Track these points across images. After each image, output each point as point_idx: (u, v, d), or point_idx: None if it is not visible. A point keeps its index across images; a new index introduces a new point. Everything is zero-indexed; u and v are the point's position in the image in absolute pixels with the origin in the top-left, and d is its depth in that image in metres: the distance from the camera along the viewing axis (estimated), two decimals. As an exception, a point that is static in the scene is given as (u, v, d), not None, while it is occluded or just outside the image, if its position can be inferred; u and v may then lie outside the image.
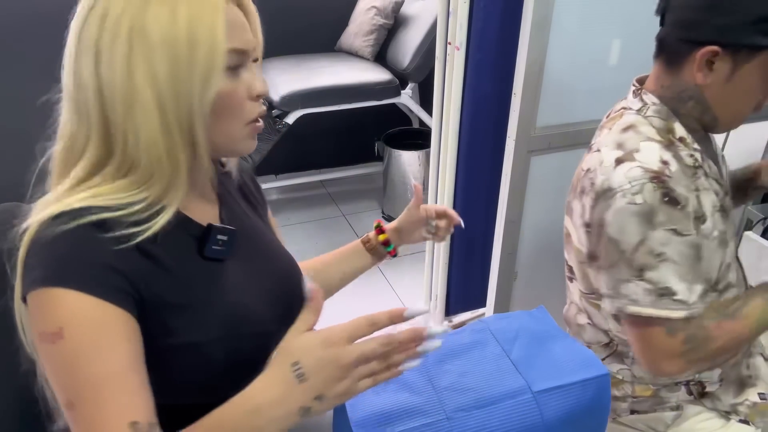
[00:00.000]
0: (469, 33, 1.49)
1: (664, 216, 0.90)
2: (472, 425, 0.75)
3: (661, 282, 0.92)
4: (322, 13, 2.86)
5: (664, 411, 1.10)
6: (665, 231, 0.90)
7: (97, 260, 0.66)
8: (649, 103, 0.99)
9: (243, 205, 0.90)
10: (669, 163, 0.92)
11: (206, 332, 0.74)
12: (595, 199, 0.96)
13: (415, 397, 0.77)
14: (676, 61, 0.95)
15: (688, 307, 0.92)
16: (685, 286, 0.92)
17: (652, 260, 0.91)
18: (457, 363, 0.82)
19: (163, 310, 0.71)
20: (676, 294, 0.92)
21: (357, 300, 2.44)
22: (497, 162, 1.47)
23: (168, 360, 0.72)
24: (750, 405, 1.09)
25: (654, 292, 0.92)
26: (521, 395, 0.77)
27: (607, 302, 0.99)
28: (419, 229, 1.12)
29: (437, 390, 0.78)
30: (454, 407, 0.76)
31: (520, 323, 0.90)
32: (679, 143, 0.97)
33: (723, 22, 0.87)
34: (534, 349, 0.85)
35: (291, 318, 0.88)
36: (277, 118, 2.48)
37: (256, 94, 0.73)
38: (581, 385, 0.79)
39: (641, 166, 0.91)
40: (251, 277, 0.82)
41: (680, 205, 0.90)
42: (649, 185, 0.90)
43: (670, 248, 0.91)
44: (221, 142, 0.73)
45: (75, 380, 0.63)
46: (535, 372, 0.80)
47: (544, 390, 0.78)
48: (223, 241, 0.78)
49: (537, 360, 0.83)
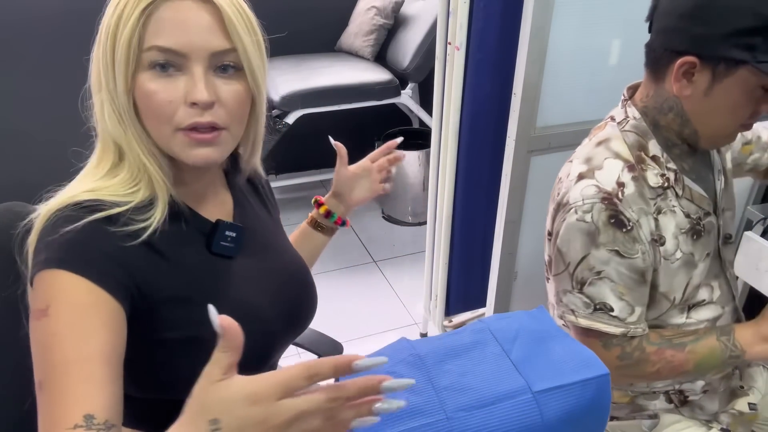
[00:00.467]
0: (469, 33, 1.49)
1: (607, 237, 0.92)
2: (472, 425, 0.74)
3: (597, 298, 0.96)
4: (322, 13, 2.86)
5: (642, 419, 1.10)
6: (607, 251, 0.93)
7: (102, 248, 0.67)
8: (630, 116, 0.98)
9: (256, 206, 0.91)
10: (625, 186, 0.93)
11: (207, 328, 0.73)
12: (555, 210, 1.00)
13: (415, 397, 0.77)
14: (659, 69, 0.93)
15: (625, 325, 0.95)
16: (623, 304, 0.95)
17: (591, 276, 0.95)
18: (457, 363, 0.82)
19: (167, 303, 0.72)
20: (612, 310, 0.95)
21: (357, 300, 2.44)
22: (497, 162, 1.47)
23: (170, 354, 0.73)
24: (735, 414, 1.09)
25: (591, 306, 0.96)
26: (521, 395, 0.77)
27: (552, 308, 1.04)
28: (356, 186, 1.08)
29: (437, 390, 0.78)
30: (454, 407, 0.76)
31: (520, 323, 0.90)
32: (650, 161, 0.96)
33: (701, 32, 0.84)
34: (534, 349, 0.85)
35: (296, 318, 0.88)
36: (277, 118, 2.48)
37: (190, 101, 0.68)
38: (581, 385, 0.79)
39: (597, 185, 0.94)
40: (259, 275, 0.83)
41: (626, 228, 0.92)
42: (599, 205, 0.92)
43: (610, 267, 0.94)
44: (161, 146, 0.72)
45: (48, 360, 0.62)
46: (535, 372, 0.80)
47: (544, 390, 0.77)
48: (232, 238, 0.79)
49: (537, 360, 0.82)
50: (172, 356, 0.73)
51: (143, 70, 0.68)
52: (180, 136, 0.70)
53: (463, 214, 1.75)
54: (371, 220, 2.92)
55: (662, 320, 1.02)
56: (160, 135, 0.71)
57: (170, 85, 0.68)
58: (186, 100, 0.68)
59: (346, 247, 2.70)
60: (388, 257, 2.64)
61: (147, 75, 0.68)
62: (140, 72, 0.68)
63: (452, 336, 0.88)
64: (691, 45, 0.86)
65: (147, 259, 0.71)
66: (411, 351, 0.84)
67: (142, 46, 0.67)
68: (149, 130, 0.71)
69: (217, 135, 0.71)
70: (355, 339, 2.09)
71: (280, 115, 2.50)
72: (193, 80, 0.68)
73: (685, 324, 1.02)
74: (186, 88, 0.68)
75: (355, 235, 2.79)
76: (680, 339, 0.98)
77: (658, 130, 0.97)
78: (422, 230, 2.29)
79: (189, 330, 0.72)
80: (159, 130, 0.70)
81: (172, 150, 0.71)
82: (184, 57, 0.67)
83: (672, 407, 1.09)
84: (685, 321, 1.02)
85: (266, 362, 0.85)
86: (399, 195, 2.82)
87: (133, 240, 0.70)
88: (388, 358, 0.83)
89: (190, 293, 0.74)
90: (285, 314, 0.84)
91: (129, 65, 0.67)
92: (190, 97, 0.68)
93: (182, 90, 0.68)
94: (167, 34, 0.66)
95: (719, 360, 0.97)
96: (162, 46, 0.66)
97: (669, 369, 0.97)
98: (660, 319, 1.02)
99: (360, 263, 2.59)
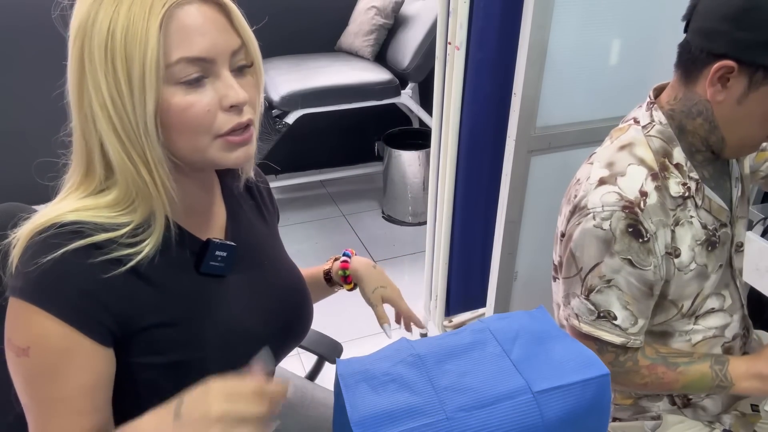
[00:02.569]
0: (469, 33, 1.49)
1: (623, 245, 0.91)
2: (472, 425, 0.74)
3: (603, 305, 0.95)
4: (322, 13, 2.86)
5: (645, 420, 1.10)
6: (620, 259, 0.92)
7: (78, 285, 0.65)
8: (656, 121, 0.95)
9: (253, 217, 0.88)
10: (648, 195, 0.91)
11: (196, 350, 0.73)
12: (571, 212, 0.98)
13: (415, 397, 0.77)
14: (692, 71, 0.89)
15: (626, 336, 0.95)
16: (627, 314, 0.94)
17: (600, 284, 0.94)
18: (457, 363, 0.82)
19: (151, 329, 0.70)
20: (615, 319, 0.95)
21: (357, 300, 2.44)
22: (497, 162, 1.47)
23: (154, 378, 0.72)
24: (738, 415, 1.09)
25: (594, 313, 0.95)
26: (521, 395, 0.77)
27: (557, 307, 1.03)
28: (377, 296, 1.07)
29: (437, 390, 0.78)
30: (454, 407, 0.75)
31: (520, 323, 0.90)
32: (674, 169, 0.94)
33: (743, 37, 0.81)
34: (534, 349, 0.85)
35: (290, 332, 0.87)
36: (277, 118, 2.48)
37: (228, 104, 0.67)
38: (582, 385, 0.79)
39: (619, 192, 0.91)
40: (251, 292, 0.81)
41: (643, 239, 0.91)
42: (619, 213, 0.90)
43: (620, 276, 0.93)
44: (192, 157, 0.69)
45: (30, 395, 0.67)
46: (535, 372, 0.80)
47: (545, 390, 0.77)
48: (222, 257, 0.76)
49: (537, 360, 0.82)
50: (156, 380, 0.72)
51: (168, 86, 0.64)
52: (219, 142, 0.68)
53: (463, 214, 1.75)
54: (371, 220, 2.92)
55: (669, 325, 1.02)
56: (195, 147, 0.68)
57: (202, 94, 0.65)
58: (222, 105, 0.66)
59: (346, 247, 2.70)
60: (388, 257, 2.64)
61: (174, 90, 0.64)
62: (165, 87, 0.64)
63: (452, 336, 0.88)
64: (731, 49, 0.83)
65: (129, 287, 0.68)
66: (411, 351, 0.84)
67: (168, 61, 0.63)
68: (177, 146, 0.67)
69: (251, 133, 0.71)
70: (355, 339, 2.09)
71: (280, 115, 2.50)
72: (224, 84, 0.66)
73: (693, 330, 1.02)
74: (219, 92, 0.66)
75: (355, 235, 2.79)
76: (675, 359, 0.98)
77: (683, 135, 0.95)
78: (422, 230, 2.28)
79: (174, 354, 0.72)
80: (195, 143, 0.67)
81: (209, 158, 0.69)
82: (212, 62, 0.65)
83: (675, 408, 1.09)
84: (693, 327, 1.02)
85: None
86: (399, 195, 2.82)
87: (117, 267, 0.67)
88: (388, 358, 0.84)
89: (177, 317, 0.72)
90: (278, 330, 0.83)
91: (159, 84, 0.63)
92: (227, 101, 0.66)
93: (215, 96, 0.66)
94: (190, 42, 0.64)
95: (707, 386, 0.97)
96: (190, 57, 0.64)
97: (657, 384, 0.98)
98: (666, 324, 1.01)
99: (360, 263, 2.58)
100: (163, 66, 0.63)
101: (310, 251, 2.63)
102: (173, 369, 0.72)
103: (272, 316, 0.82)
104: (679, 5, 0.93)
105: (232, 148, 0.69)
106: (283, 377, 1.10)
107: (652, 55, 1.40)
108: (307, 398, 1.08)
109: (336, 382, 0.82)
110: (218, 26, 0.66)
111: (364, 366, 0.83)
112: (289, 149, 2.86)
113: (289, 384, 0.65)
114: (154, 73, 0.62)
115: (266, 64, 2.63)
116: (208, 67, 0.66)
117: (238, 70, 0.69)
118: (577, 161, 1.09)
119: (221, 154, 0.69)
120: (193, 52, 0.64)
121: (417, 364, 0.82)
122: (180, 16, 0.63)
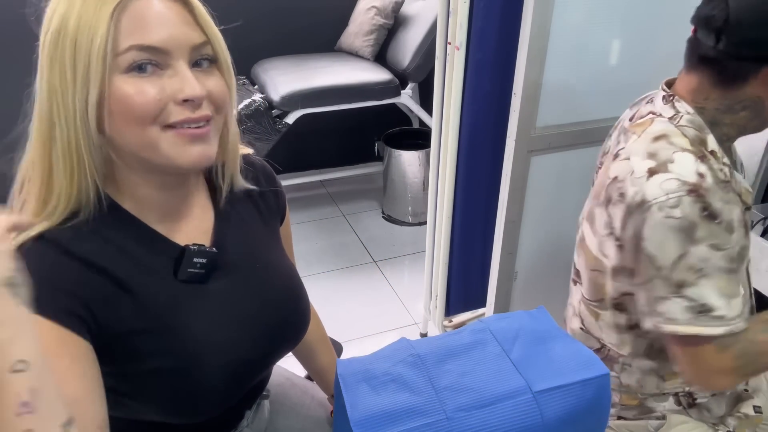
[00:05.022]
0: (469, 33, 1.49)
1: (705, 231, 0.87)
2: (472, 425, 0.74)
3: (700, 299, 0.89)
4: (322, 13, 2.86)
5: (650, 420, 1.10)
6: (706, 247, 0.87)
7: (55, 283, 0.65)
8: (683, 112, 0.95)
9: (247, 216, 0.85)
10: (705, 176, 0.88)
11: (176, 358, 0.72)
12: (627, 212, 0.92)
13: (415, 397, 0.77)
14: (739, 77, 0.91)
15: (728, 323, 0.89)
16: (725, 302, 0.89)
17: (691, 276, 0.88)
18: (457, 363, 0.82)
19: (129, 335, 0.69)
20: (713, 310, 0.89)
21: (357, 300, 2.44)
22: (497, 162, 1.47)
23: (133, 385, 0.71)
24: (742, 417, 1.09)
25: (692, 310, 0.89)
26: (521, 395, 0.77)
27: (645, 319, 0.96)
28: None
29: (437, 390, 0.78)
30: (454, 407, 0.76)
31: (520, 323, 0.90)
32: (710, 156, 0.93)
33: None
34: (534, 349, 0.85)
35: (280, 339, 0.84)
36: (277, 118, 2.48)
37: (182, 98, 0.64)
38: (581, 385, 0.79)
39: (678, 178, 0.88)
40: (235, 300, 0.78)
41: (718, 219, 0.88)
42: (687, 198, 0.86)
43: (710, 264, 0.88)
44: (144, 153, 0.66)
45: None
46: (535, 372, 0.80)
47: (545, 390, 0.77)
48: (202, 264, 0.75)
49: (537, 360, 0.82)
50: (141, 385, 0.71)
51: (116, 74, 0.62)
52: (170, 136, 0.65)
53: (463, 214, 1.75)
54: (371, 220, 2.92)
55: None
56: (143, 139, 0.65)
57: (153, 83, 0.63)
58: (176, 98, 0.64)
59: (346, 247, 2.70)
60: (388, 257, 2.64)
61: (122, 78, 0.62)
62: (112, 76, 0.62)
63: (452, 336, 0.88)
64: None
65: (104, 288, 0.68)
66: (411, 351, 0.84)
67: (117, 49, 0.62)
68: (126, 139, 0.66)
69: (208, 130, 0.67)
70: (355, 339, 2.09)
71: (280, 115, 2.50)
72: (179, 77, 0.64)
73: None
74: (172, 85, 0.64)
75: (355, 235, 2.79)
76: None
77: (716, 126, 0.95)
78: (422, 230, 2.29)
79: (152, 362, 0.70)
80: (142, 134, 0.65)
81: (163, 154, 0.66)
82: (166, 54, 0.63)
83: (680, 409, 1.09)
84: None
85: (248, 382, 0.83)
86: (399, 195, 2.82)
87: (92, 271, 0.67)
88: (388, 358, 0.84)
89: (156, 325, 0.71)
90: (265, 336, 0.81)
91: (104, 74, 0.62)
92: (182, 95, 0.64)
93: (168, 89, 0.64)
94: (145, 31, 0.62)
95: None
96: (142, 45, 0.62)
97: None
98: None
99: (360, 263, 2.58)
100: (111, 55, 0.62)
101: (310, 251, 2.64)
102: (158, 375, 0.71)
103: (256, 322, 0.80)
104: (679, 5, 0.93)
105: (184, 144, 0.66)
106: (283, 377, 1.10)
107: (652, 55, 1.40)
108: (307, 398, 1.08)
109: (336, 382, 0.83)
110: (179, 19, 0.64)
111: (364, 366, 0.83)
112: (289, 149, 2.86)
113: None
114: (100, 61, 0.61)
115: (266, 64, 2.65)
116: (163, 58, 0.64)
117: (200, 65, 0.67)
118: (578, 161, 1.08)
119: (174, 150, 0.66)
120: (146, 40, 0.62)
121: (417, 364, 0.82)
122: (136, 6, 0.62)
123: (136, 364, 0.70)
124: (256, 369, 0.83)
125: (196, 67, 0.67)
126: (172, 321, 0.72)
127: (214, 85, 0.68)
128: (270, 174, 0.91)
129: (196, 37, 0.66)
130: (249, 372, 0.81)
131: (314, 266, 2.51)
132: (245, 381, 0.82)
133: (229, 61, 0.70)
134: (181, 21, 0.65)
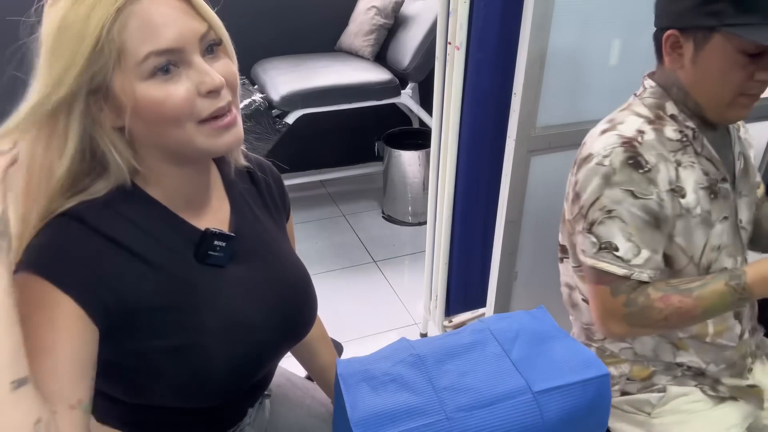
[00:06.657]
0: (469, 33, 1.49)
1: (623, 176, 0.95)
2: (472, 425, 0.74)
3: (604, 237, 0.97)
4: (322, 13, 2.86)
5: (652, 393, 1.11)
6: (621, 190, 0.96)
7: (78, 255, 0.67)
8: (647, 86, 1.05)
9: (258, 211, 0.88)
10: (644, 132, 0.98)
11: (195, 337, 0.74)
12: (578, 167, 1.02)
13: (415, 397, 0.77)
14: (658, 50, 1.01)
15: (629, 267, 0.96)
16: (630, 246, 0.96)
17: (601, 216, 0.97)
18: (457, 363, 0.82)
19: (150, 311, 0.71)
20: (617, 250, 0.96)
21: (357, 300, 2.44)
22: (497, 162, 1.47)
23: (155, 362, 0.72)
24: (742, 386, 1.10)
25: (597, 245, 0.98)
26: (521, 395, 0.77)
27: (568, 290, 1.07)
28: None
29: (437, 390, 0.78)
30: (454, 407, 0.76)
31: (520, 323, 0.90)
32: (669, 119, 1.01)
33: (676, 7, 0.94)
34: (534, 349, 0.85)
35: (292, 328, 0.87)
36: (277, 118, 2.48)
37: (206, 90, 0.66)
38: (581, 386, 0.79)
39: (618, 134, 0.98)
40: (253, 285, 0.81)
41: (643, 169, 0.95)
42: (619, 149, 0.96)
43: (622, 207, 0.96)
44: (183, 149, 0.70)
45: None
46: (535, 372, 0.80)
47: (545, 390, 0.77)
48: (221, 247, 0.77)
49: (537, 360, 0.82)
50: (157, 364, 0.72)
51: (139, 82, 0.64)
52: (205, 129, 0.68)
53: (463, 214, 1.75)
54: (371, 220, 2.92)
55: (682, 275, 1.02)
56: (181, 138, 0.68)
57: (178, 83, 0.66)
58: (201, 91, 0.66)
59: (346, 247, 2.70)
60: (388, 257, 2.64)
61: (146, 85, 0.64)
62: (135, 84, 0.64)
63: (452, 336, 0.88)
64: (670, 20, 0.96)
65: (129, 264, 0.70)
66: (411, 351, 0.84)
67: (137, 58, 0.63)
68: (166, 140, 0.69)
69: (234, 114, 0.70)
70: (355, 339, 2.09)
71: (280, 115, 2.50)
72: (198, 70, 0.66)
73: None
74: (194, 80, 0.66)
75: (355, 235, 2.79)
76: (686, 285, 0.96)
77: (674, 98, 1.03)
78: (422, 230, 2.29)
79: (175, 338, 0.72)
80: (180, 133, 0.67)
81: (199, 147, 0.69)
82: (181, 51, 0.65)
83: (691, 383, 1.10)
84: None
85: (259, 370, 0.85)
86: (399, 195, 2.82)
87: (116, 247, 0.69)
88: (388, 358, 0.84)
89: (176, 302, 0.73)
90: (280, 324, 0.83)
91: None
92: (205, 87, 0.66)
93: (191, 84, 0.66)
94: (156, 35, 0.63)
95: (728, 304, 0.95)
96: (159, 49, 0.63)
97: (677, 316, 0.95)
98: (680, 274, 1.02)
99: (360, 263, 2.59)
100: (134, 64, 0.63)
101: (310, 251, 2.64)
102: (173, 354, 0.72)
103: (272, 309, 0.82)
104: (679, 5, 0.94)
105: (219, 134, 0.69)
106: (284, 377, 1.10)
107: (652, 55, 1.40)
108: (308, 398, 1.08)
109: (336, 382, 0.83)
110: (181, 13, 0.65)
111: (364, 366, 0.83)
112: (289, 149, 2.86)
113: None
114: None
115: (266, 64, 2.65)
116: (179, 56, 0.65)
117: (209, 51, 0.69)
118: (577, 161, 1.09)
119: (210, 141, 0.69)
120: (161, 44, 0.63)
121: (417, 364, 0.82)
122: (139, 10, 0.63)
123: (152, 341, 0.71)
124: (264, 356, 0.84)
125: (208, 53, 0.69)
126: (191, 300, 0.74)
127: (225, 69, 0.70)
128: (278, 177, 0.95)
129: (200, 27, 0.67)
130: (258, 359, 0.83)
131: (314, 266, 2.51)
132: (253, 369, 0.83)
133: (229, 41, 0.72)
134: (183, 14, 0.65)
